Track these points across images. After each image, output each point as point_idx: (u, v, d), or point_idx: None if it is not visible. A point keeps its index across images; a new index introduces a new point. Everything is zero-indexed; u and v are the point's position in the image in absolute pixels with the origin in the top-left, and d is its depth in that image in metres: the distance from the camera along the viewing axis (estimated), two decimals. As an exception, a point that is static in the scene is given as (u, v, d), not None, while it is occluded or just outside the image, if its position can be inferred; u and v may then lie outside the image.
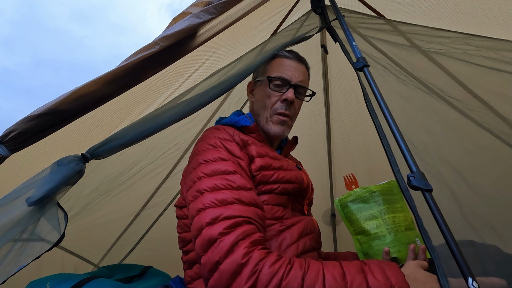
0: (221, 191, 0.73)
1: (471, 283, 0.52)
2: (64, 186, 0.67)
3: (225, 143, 0.86)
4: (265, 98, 1.01)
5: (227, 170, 0.78)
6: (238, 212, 0.68)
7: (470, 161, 0.97)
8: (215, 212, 0.68)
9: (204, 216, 0.68)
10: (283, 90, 0.99)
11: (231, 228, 0.65)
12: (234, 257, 0.61)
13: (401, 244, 0.84)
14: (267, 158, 0.90)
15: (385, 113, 0.76)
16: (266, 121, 1.00)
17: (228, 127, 0.94)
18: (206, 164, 0.80)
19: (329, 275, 0.60)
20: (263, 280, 0.58)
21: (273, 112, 0.99)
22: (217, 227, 0.65)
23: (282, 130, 0.99)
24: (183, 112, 0.82)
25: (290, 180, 0.92)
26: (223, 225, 0.65)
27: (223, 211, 0.68)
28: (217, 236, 0.64)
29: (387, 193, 0.86)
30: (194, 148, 0.90)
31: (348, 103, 1.85)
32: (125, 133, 0.77)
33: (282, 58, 1.03)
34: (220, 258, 0.61)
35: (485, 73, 1.05)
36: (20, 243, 0.64)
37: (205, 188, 0.74)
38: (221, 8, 0.82)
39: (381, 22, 1.14)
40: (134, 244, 1.82)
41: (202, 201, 0.72)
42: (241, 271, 0.59)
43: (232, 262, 0.60)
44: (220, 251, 0.62)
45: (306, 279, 0.59)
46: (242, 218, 0.68)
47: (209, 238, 0.65)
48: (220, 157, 0.81)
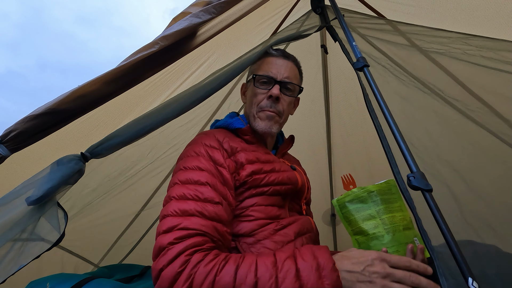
0: (187, 201, 0.75)
1: (471, 283, 0.52)
2: (64, 186, 0.67)
3: (210, 151, 0.87)
4: (252, 96, 1.02)
5: (199, 181, 0.79)
6: (194, 225, 0.70)
7: (470, 161, 0.97)
8: (173, 221, 0.71)
9: (163, 224, 0.72)
10: (268, 87, 0.99)
11: (181, 239, 0.67)
12: (174, 264, 0.64)
13: (400, 244, 0.84)
14: (257, 163, 0.91)
15: (385, 113, 0.76)
16: (254, 119, 1.00)
17: (219, 133, 0.94)
18: (183, 171, 0.82)
19: (261, 265, 0.63)
20: (198, 280, 0.61)
21: (259, 109, 0.99)
22: (169, 236, 0.68)
23: (269, 126, 0.98)
24: (181, 108, 0.82)
25: (282, 181, 0.92)
26: (175, 235, 0.68)
27: (180, 221, 0.70)
28: (166, 245, 0.67)
29: (385, 192, 0.86)
30: (183, 151, 0.92)
31: (348, 103, 1.85)
32: (124, 131, 0.77)
33: (268, 56, 1.04)
34: (163, 266, 0.64)
35: (485, 73, 1.05)
36: (20, 242, 0.64)
37: (174, 195, 0.77)
38: (220, 8, 0.82)
39: (381, 22, 1.14)
40: (134, 244, 1.82)
41: (168, 208, 0.75)
42: (179, 277, 0.62)
43: (172, 270, 0.63)
44: (165, 259, 0.65)
45: (239, 272, 0.62)
46: (195, 231, 0.69)
47: (160, 246, 0.68)
48: (198, 166, 0.82)
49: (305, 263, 0.62)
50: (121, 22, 55.41)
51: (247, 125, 0.99)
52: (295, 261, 0.63)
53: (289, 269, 0.62)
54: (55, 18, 48.76)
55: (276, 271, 0.62)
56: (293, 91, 1.04)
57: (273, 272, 0.62)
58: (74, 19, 49.15)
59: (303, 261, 0.63)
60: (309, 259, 0.63)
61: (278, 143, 1.15)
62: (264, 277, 0.61)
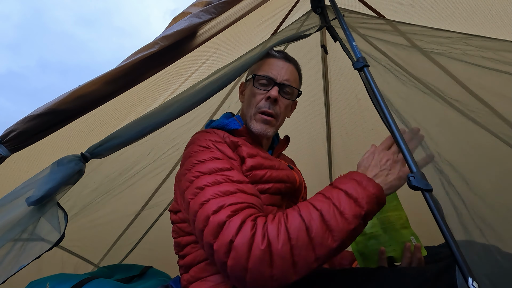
0: (222, 184, 0.75)
1: (471, 283, 0.52)
2: (64, 186, 0.67)
3: (217, 144, 0.87)
4: (250, 96, 1.01)
5: (224, 167, 0.79)
6: (241, 199, 0.72)
7: (470, 162, 0.97)
8: (219, 201, 0.71)
9: (209, 206, 0.71)
10: (268, 88, 0.99)
11: (236, 212, 0.69)
12: (244, 231, 0.65)
13: (397, 243, 0.84)
14: (258, 157, 0.91)
15: (385, 113, 0.76)
16: (250, 119, 0.99)
17: (218, 130, 0.95)
18: (201, 164, 0.81)
19: (316, 201, 0.70)
20: (273, 234, 0.64)
21: (257, 110, 0.99)
22: (223, 212, 0.69)
23: (264, 129, 0.98)
24: (181, 109, 0.82)
25: (282, 179, 0.92)
26: (229, 210, 0.69)
27: (227, 200, 0.71)
28: (225, 219, 0.67)
29: None
30: (185, 152, 0.90)
31: (348, 103, 1.85)
32: (124, 131, 0.77)
33: (270, 57, 1.03)
34: (232, 237, 0.65)
35: (485, 73, 1.05)
36: (20, 243, 0.64)
37: (206, 183, 0.76)
38: (221, 8, 0.82)
39: (381, 22, 1.14)
40: (134, 244, 1.82)
41: (205, 194, 0.74)
42: (254, 239, 0.64)
43: (244, 236, 0.64)
44: (231, 230, 0.65)
45: (302, 213, 0.68)
46: (246, 204, 0.72)
47: (218, 223, 0.67)
48: (215, 157, 0.82)
49: (348, 185, 0.71)
50: (122, 23, 55.65)
51: (243, 126, 0.99)
52: (339, 188, 0.71)
53: (338, 194, 0.69)
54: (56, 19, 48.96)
55: (330, 200, 0.69)
56: (292, 94, 1.04)
57: (329, 201, 0.69)
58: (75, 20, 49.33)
59: (345, 185, 0.71)
60: (348, 181, 0.72)
61: (273, 144, 1.15)
62: (324, 207, 0.67)
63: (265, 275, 0.63)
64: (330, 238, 0.64)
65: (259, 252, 0.63)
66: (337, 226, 0.65)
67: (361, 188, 0.69)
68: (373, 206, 0.68)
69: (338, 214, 0.66)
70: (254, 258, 0.63)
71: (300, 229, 0.65)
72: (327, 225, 0.65)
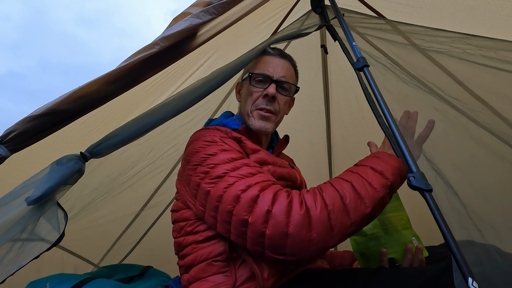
0: (242, 168, 0.78)
1: (471, 283, 0.52)
2: (63, 185, 0.67)
3: (223, 139, 0.88)
4: (247, 95, 1.01)
5: (237, 157, 0.81)
6: (266, 178, 0.76)
7: (471, 160, 0.97)
8: (246, 181, 0.74)
9: (237, 187, 0.73)
10: (265, 86, 0.99)
11: (266, 187, 0.73)
12: (280, 200, 0.69)
13: (398, 244, 0.84)
14: (262, 152, 0.91)
15: (385, 113, 0.76)
16: (248, 117, 0.99)
17: (220, 127, 0.95)
18: (213, 157, 0.82)
19: (345, 175, 0.76)
20: (310, 201, 0.69)
21: (254, 107, 0.98)
22: (254, 188, 0.72)
23: (263, 125, 0.97)
24: (179, 107, 0.82)
25: (284, 177, 0.93)
26: (258, 186, 0.72)
27: (252, 180, 0.74)
28: (258, 193, 0.71)
29: None
30: (188, 149, 0.90)
31: (348, 103, 1.84)
32: (123, 130, 0.76)
33: (265, 55, 1.03)
34: (269, 207, 0.68)
35: (485, 72, 1.05)
36: (20, 242, 0.64)
37: (225, 171, 0.78)
38: (221, 8, 0.82)
39: (381, 22, 1.14)
40: (134, 244, 1.82)
41: (227, 180, 0.76)
42: (292, 206, 0.68)
43: (281, 204, 0.68)
44: (267, 201, 0.69)
45: (335, 184, 0.73)
46: (271, 181, 0.76)
47: (251, 197, 0.71)
48: (224, 149, 0.83)
49: (371, 160, 0.77)
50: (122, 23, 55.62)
51: (243, 125, 0.98)
52: (363, 165, 0.77)
53: (365, 169, 0.75)
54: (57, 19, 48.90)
55: (358, 174, 0.74)
56: (289, 91, 1.04)
57: (357, 174, 0.74)
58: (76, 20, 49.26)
59: (369, 161, 0.78)
60: (370, 158, 0.79)
61: (273, 143, 1.15)
62: (354, 179, 0.73)
63: (306, 239, 0.66)
64: (362, 204, 0.69)
65: (298, 217, 0.66)
66: (367, 194, 0.70)
67: (384, 162, 0.75)
68: (397, 178, 0.74)
69: (367, 184, 0.71)
70: (294, 223, 0.66)
71: (335, 197, 0.70)
72: (359, 193, 0.70)
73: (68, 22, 49.42)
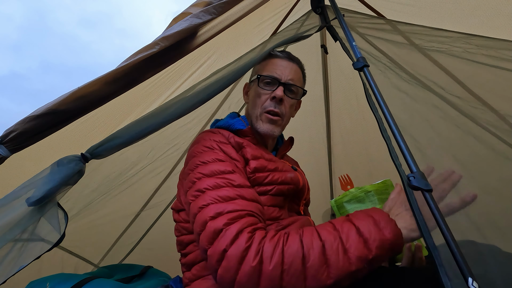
0: (223, 188, 0.75)
1: (471, 283, 0.52)
2: (64, 186, 0.67)
3: (221, 145, 0.87)
4: (255, 97, 1.02)
5: (226, 170, 0.79)
6: (240, 207, 0.71)
7: (473, 157, 0.97)
8: (219, 207, 0.71)
9: (208, 211, 0.70)
10: (272, 88, 0.99)
11: (235, 219, 0.68)
12: (239, 242, 0.64)
13: None
14: (262, 160, 0.91)
15: (385, 113, 0.76)
16: (257, 120, 1.00)
17: (223, 130, 0.95)
18: (204, 165, 0.81)
19: (322, 231, 0.66)
20: (267, 253, 0.62)
21: (262, 110, 0.99)
22: (221, 219, 0.68)
23: (271, 129, 0.98)
24: (181, 110, 0.82)
25: (285, 181, 0.92)
26: (227, 217, 0.68)
27: (226, 206, 0.71)
28: (222, 227, 0.67)
29: (382, 192, 0.86)
30: (189, 151, 0.91)
31: (348, 103, 1.85)
32: (125, 132, 0.77)
33: (274, 58, 1.03)
34: (226, 246, 0.64)
35: (486, 72, 1.05)
36: (20, 243, 0.64)
37: (206, 186, 0.76)
38: (221, 8, 0.82)
39: (381, 22, 1.14)
40: (134, 244, 1.82)
41: (204, 198, 0.73)
42: (247, 253, 0.63)
43: (238, 247, 0.63)
44: (226, 239, 0.65)
45: (304, 240, 0.64)
46: (245, 211, 0.71)
47: (214, 229, 0.67)
48: (218, 158, 0.82)
49: (362, 222, 0.65)
50: (124, 25, 55.74)
51: (248, 126, 0.99)
52: (352, 223, 0.66)
53: (349, 229, 0.65)
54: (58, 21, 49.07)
55: (338, 233, 0.64)
56: (296, 94, 1.04)
57: (336, 234, 0.64)
58: (77, 22, 49.45)
59: (359, 220, 0.66)
60: (364, 217, 0.67)
61: (277, 145, 1.15)
62: (329, 239, 0.64)
63: None
64: (325, 273, 0.61)
65: (248, 268, 0.61)
66: (336, 263, 0.61)
67: (377, 229, 0.64)
68: (385, 252, 0.62)
69: (342, 251, 0.62)
70: (243, 273, 0.62)
71: (296, 256, 0.62)
72: (326, 259, 0.61)
73: (69, 23, 49.64)
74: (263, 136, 1.01)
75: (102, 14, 52.80)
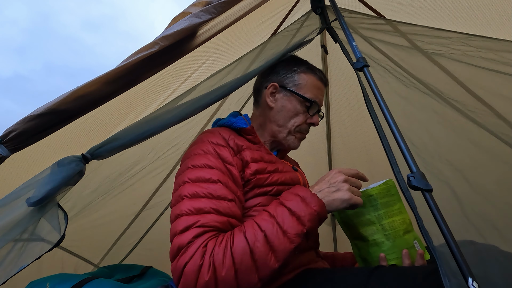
0: (200, 199, 0.76)
1: (471, 283, 0.52)
2: (64, 187, 0.67)
3: (218, 148, 0.87)
4: (293, 113, 1.01)
5: (210, 179, 0.79)
6: (210, 222, 0.72)
7: (471, 161, 0.97)
8: (189, 220, 0.72)
9: (178, 225, 0.73)
10: (312, 112, 1.02)
11: (198, 236, 0.70)
12: (195, 259, 0.67)
13: (400, 250, 0.81)
14: (262, 162, 0.91)
15: (385, 113, 0.76)
16: (288, 135, 1.02)
17: (224, 131, 0.94)
18: (192, 170, 0.82)
19: (261, 221, 0.71)
20: (218, 261, 0.66)
21: (297, 130, 1.02)
22: (187, 234, 0.70)
23: (298, 145, 1.06)
24: (183, 114, 0.83)
25: (285, 181, 0.92)
26: (193, 233, 0.70)
27: (197, 219, 0.72)
28: (186, 244, 0.69)
29: (384, 195, 0.84)
30: (187, 150, 0.90)
31: (348, 103, 1.85)
32: (125, 134, 0.77)
33: (316, 78, 1.04)
34: (185, 264, 0.67)
35: (485, 74, 1.05)
36: (21, 243, 0.64)
37: (186, 194, 0.77)
38: (221, 8, 0.82)
39: (381, 22, 1.14)
40: (134, 244, 1.81)
41: (181, 207, 0.75)
42: (201, 269, 0.66)
43: (194, 264, 0.66)
44: (187, 256, 0.67)
45: (247, 235, 0.69)
46: (211, 228, 0.72)
47: (178, 246, 0.69)
48: (208, 164, 0.82)
49: (292, 202, 0.73)
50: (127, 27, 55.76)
51: (251, 125, 0.98)
52: (283, 205, 0.73)
53: (283, 212, 0.72)
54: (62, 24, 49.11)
55: (274, 219, 0.71)
56: None
57: (273, 220, 0.70)
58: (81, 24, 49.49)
59: (289, 201, 0.74)
60: (292, 197, 0.75)
61: None
62: (268, 227, 0.69)
63: None
64: (273, 258, 0.67)
65: (203, 282, 0.65)
66: (280, 245, 0.67)
67: (304, 204, 0.72)
68: (315, 224, 0.72)
69: (281, 233, 0.68)
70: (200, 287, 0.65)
71: (245, 253, 0.66)
72: (271, 246, 0.67)
73: (73, 26, 49.68)
74: (286, 148, 1.06)
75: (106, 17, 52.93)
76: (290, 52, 1.04)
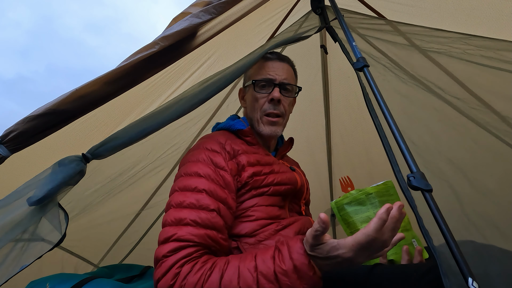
0: (182, 209, 0.78)
1: (471, 283, 0.52)
2: (65, 186, 0.67)
3: (212, 155, 0.88)
4: (253, 101, 1.03)
5: (196, 188, 0.81)
6: (187, 236, 0.73)
7: (472, 160, 0.97)
8: (170, 231, 0.75)
9: (161, 234, 0.76)
10: (269, 90, 1.01)
11: (174, 252, 0.71)
12: (167, 277, 0.68)
13: (398, 246, 0.83)
14: (258, 166, 0.93)
15: (385, 113, 0.76)
16: (258, 123, 1.02)
17: (221, 136, 0.95)
18: (183, 178, 0.84)
19: (244, 271, 0.66)
20: None
21: (262, 113, 1.01)
22: (165, 247, 0.72)
23: (274, 130, 1.01)
24: (181, 110, 0.83)
25: (281, 182, 0.94)
26: (169, 247, 0.72)
27: (175, 232, 0.74)
28: (161, 258, 0.71)
29: (383, 194, 0.85)
30: (184, 156, 0.93)
31: (348, 103, 1.85)
32: (125, 132, 0.77)
33: (264, 60, 1.04)
34: (159, 278, 0.69)
35: (485, 72, 1.05)
36: (22, 243, 0.64)
37: (173, 203, 0.80)
38: (221, 8, 0.82)
39: (381, 22, 1.14)
40: (134, 244, 1.82)
41: (166, 216, 0.78)
42: None
43: (165, 282, 0.68)
44: (160, 271, 0.70)
45: (223, 281, 0.66)
46: (187, 243, 0.73)
47: (156, 258, 0.73)
48: (197, 173, 0.84)
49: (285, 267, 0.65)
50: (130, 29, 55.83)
51: (248, 126, 1.01)
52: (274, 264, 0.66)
53: (268, 272, 0.65)
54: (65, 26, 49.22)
55: (257, 275, 0.65)
56: (292, 92, 1.07)
57: (255, 276, 0.65)
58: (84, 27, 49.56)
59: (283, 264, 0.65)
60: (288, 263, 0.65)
61: (277, 145, 1.15)
62: (247, 282, 0.65)
63: None
64: None
65: None
66: None
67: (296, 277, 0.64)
68: None
69: None
70: None
71: None
72: None
73: (76, 28, 49.89)
74: (266, 138, 1.04)
75: (109, 19, 52.89)
76: (286, 44, 1.05)
